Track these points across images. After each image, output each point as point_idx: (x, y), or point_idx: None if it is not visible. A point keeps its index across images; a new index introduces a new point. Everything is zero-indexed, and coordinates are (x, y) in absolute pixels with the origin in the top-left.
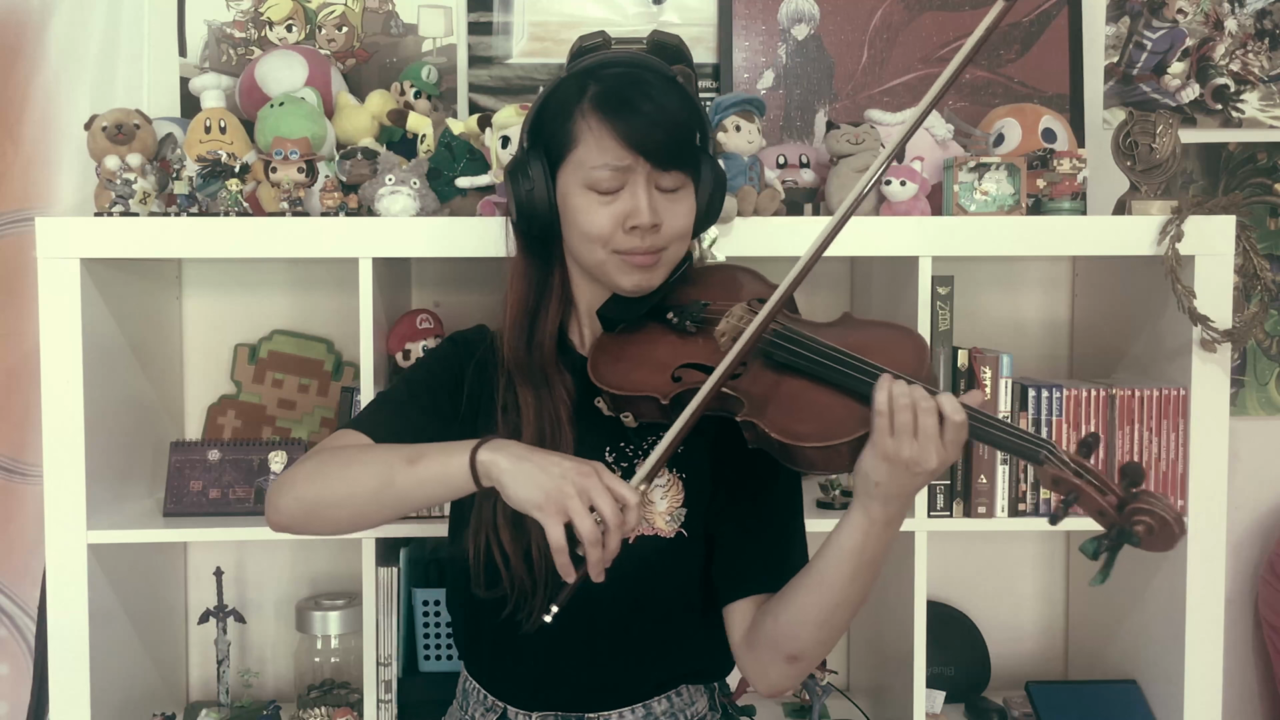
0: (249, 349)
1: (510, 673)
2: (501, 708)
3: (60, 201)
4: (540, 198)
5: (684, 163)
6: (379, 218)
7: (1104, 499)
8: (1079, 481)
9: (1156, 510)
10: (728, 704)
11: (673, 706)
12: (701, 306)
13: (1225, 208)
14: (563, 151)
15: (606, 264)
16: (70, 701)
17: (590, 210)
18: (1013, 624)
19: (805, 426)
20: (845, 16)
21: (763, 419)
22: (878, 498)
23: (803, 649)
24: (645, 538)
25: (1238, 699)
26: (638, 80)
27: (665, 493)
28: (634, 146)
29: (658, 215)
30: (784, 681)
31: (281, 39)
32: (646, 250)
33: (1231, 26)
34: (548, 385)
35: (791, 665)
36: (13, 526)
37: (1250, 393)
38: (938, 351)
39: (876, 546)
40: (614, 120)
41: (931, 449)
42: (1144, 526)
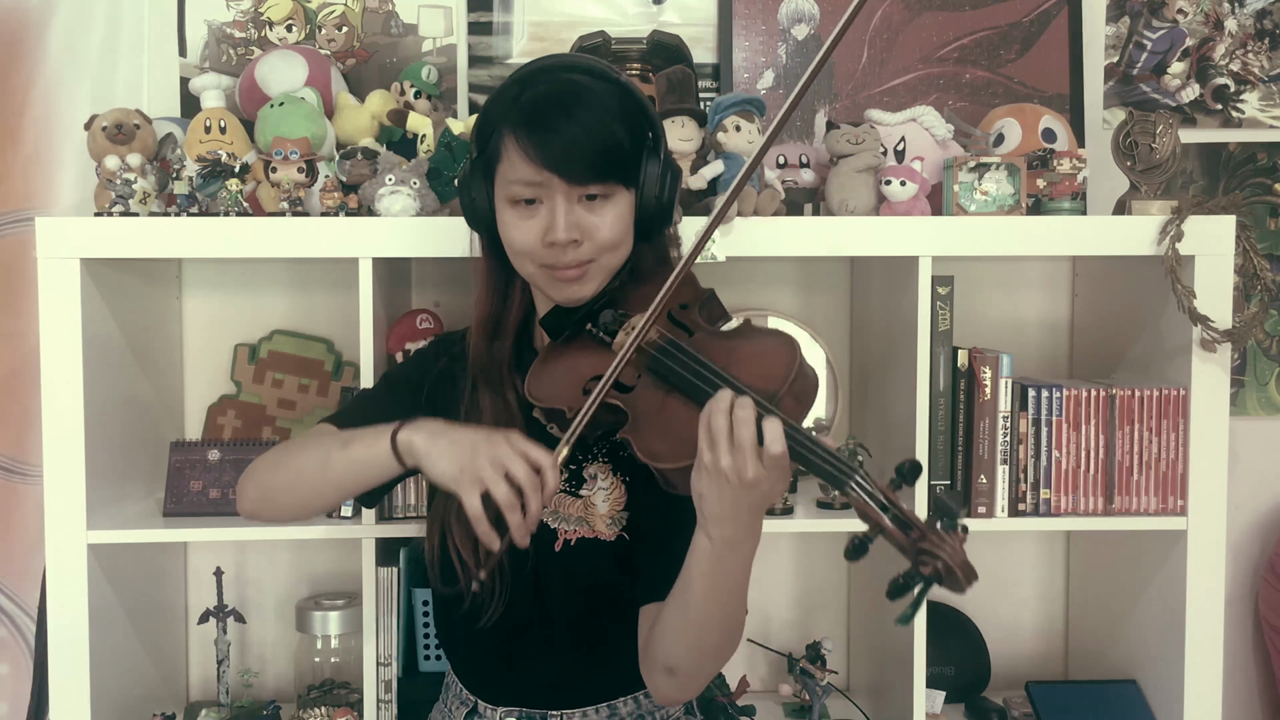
0: (249, 349)
1: (478, 668)
2: (473, 702)
3: (60, 201)
4: (481, 210)
5: (606, 174)
6: (379, 218)
7: (905, 537)
8: (882, 517)
9: (941, 555)
10: (728, 704)
11: (640, 708)
12: (619, 318)
13: (1225, 208)
14: (492, 165)
15: (536, 277)
16: (70, 701)
17: (514, 225)
18: (1013, 624)
19: (662, 445)
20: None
21: (635, 436)
22: (711, 518)
23: (676, 663)
24: (586, 540)
25: (1238, 699)
26: (562, 92)
27: (607, 496)
28: (545, 164)
29: (576, 230)
30: (669, 691)
31: (281, 39)
32: (569, 264)
33: (1231, 26)
34: (503, 389)
35: (670, 677)
36: (13, 526)
37: (1250, 393)
38: (938, 352)
39: (727, 570)
40: (526, 138)
41: (746, 459)
42: (930, 569)
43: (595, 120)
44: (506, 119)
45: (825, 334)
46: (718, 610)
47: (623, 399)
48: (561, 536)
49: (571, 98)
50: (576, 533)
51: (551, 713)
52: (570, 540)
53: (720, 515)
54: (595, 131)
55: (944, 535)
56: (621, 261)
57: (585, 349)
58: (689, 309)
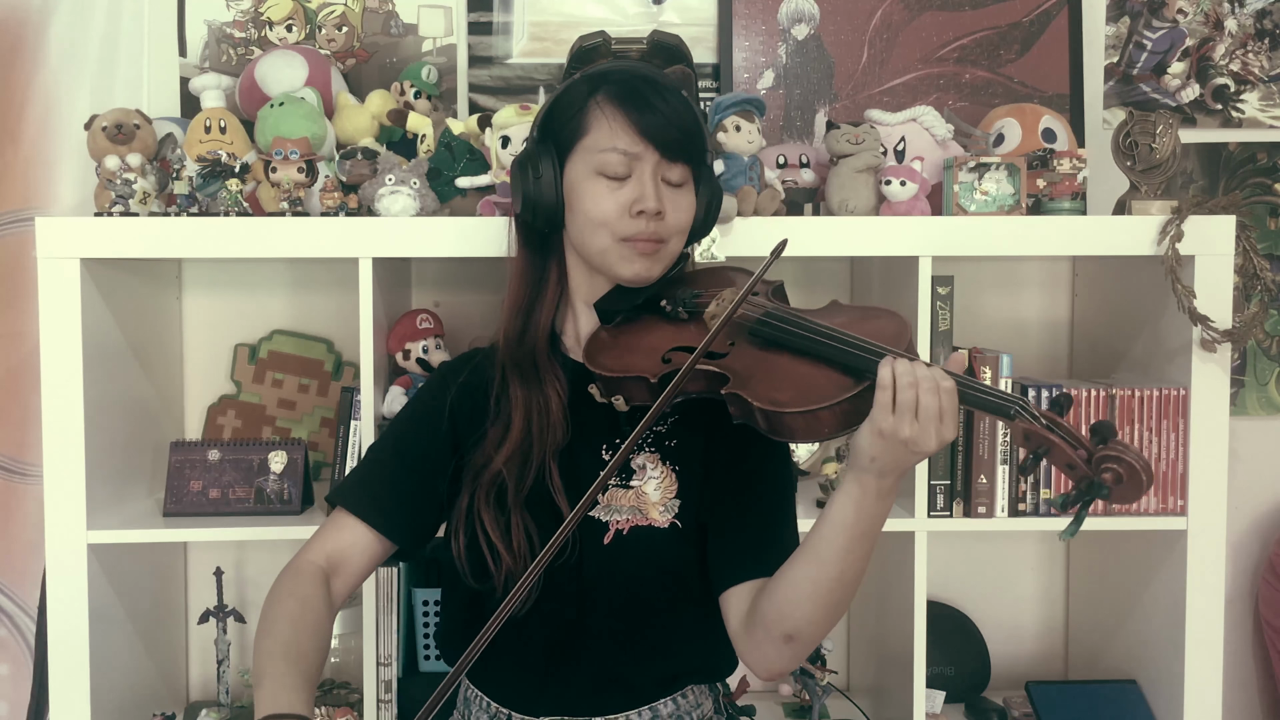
0: (249, 349)
1: (512, 676)
2: (506, 714)
3: (60, 201)
4: (548, 186)
5: (690, 158)
6: (379, 218)
7: (1074, 452)
8: (1050, 435)
9: (1125, 459)
10: (728, 704)
11: (679, 709)
12: (694, 295)
13: (1225, 208)
14: (573, 140)
15: (609, 252)
16: (70, 701)
17: (598, 195)
18: (1013, 624)
19: (784, 394)
20: (845, 16)
21: (746, 389)
22: (872, 471)
23: (799, 627)
24: (639, 528)
25: (1238, 699)
26: (649, 79)
27: (659, 484)
28: (645, 134)
29: (663, 203)
30: (782, 663)
31: (281, 39)
32: (650, 236)
33: (1231, 26)
34: (539, 380)
35: (789, 645)
36: (13, 526)
37: (1250, 393)
38: (938, 352)
39: (871, 519)
40: (627, 108)
41: (931, 429)
42: (1112, 474)
43: (681, 104)
44: (599, 93)
45: None
46: (853, 564)
47: (717, 364)
48: (613, 528)
49: (657, 84)
50: (629, 522)
51: (595, 719)
52: (623, 530)
53: (886, 469)
54: (683, 115)
55: (1120, 443)
56: (678, 252)
57: (652, 327)
58: (760, 295)
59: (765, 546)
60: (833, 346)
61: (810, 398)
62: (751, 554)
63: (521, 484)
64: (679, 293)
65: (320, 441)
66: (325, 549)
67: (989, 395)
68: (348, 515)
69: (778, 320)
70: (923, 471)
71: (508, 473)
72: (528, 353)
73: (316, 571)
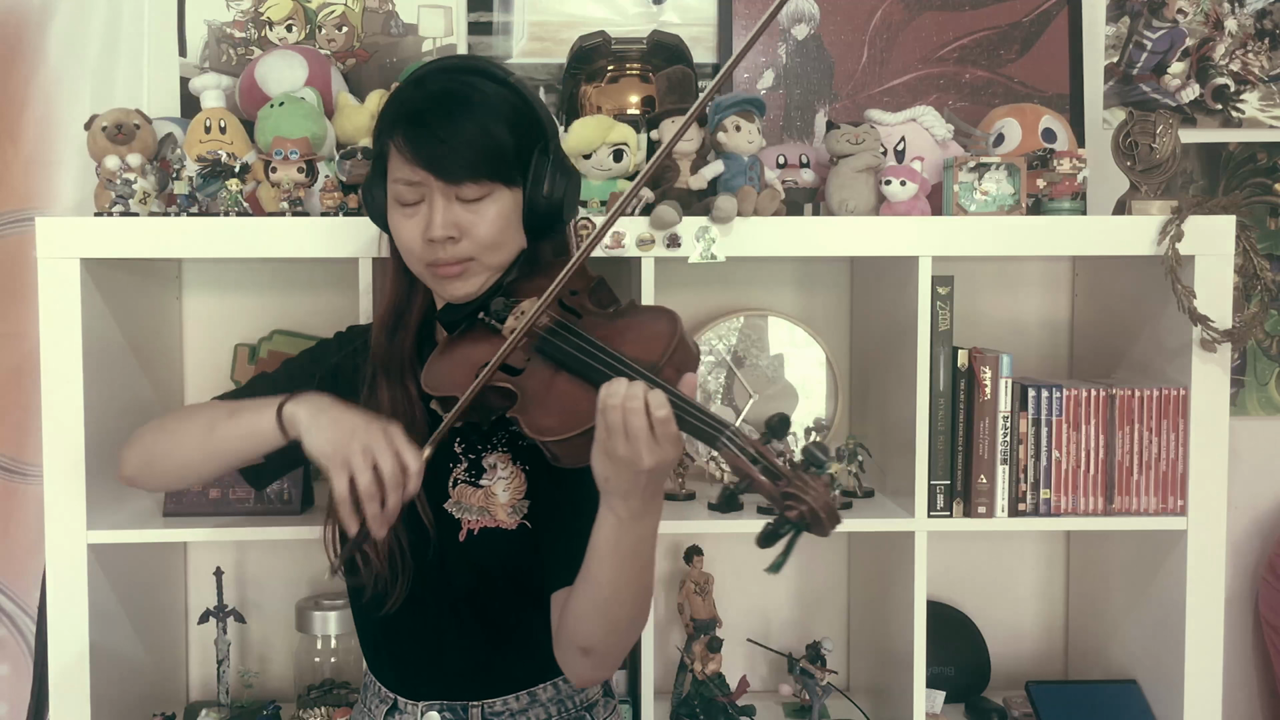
0: (249, 349)
1: (394, 663)
2: (392, 699)
3: (60, 201)
4: (379, 209)
5: (481, 174)
6: None
7: (774, 486)
8: (752, 469)
9: (805, 498)
10: (728, 703)
11: (559, 693)
12: (509, 305)
13: (1225, 208)
14: (382, 167)
15: (424, 276)
16: (70, 701)
17: (399, 223)
18: (1013, 624)
19: (549, 420)
20: (845, 16)
21: (523, 415)
22: (613, 493)
23: (591, 642)
24: (488, 529)
25: (1238, 699)
26: (445, 93)
27: (507, 485)
28: (421, 164)
29: (453, 228)
30: (584, 672)
31: (281, 39)
32: (449, 261)
33: (1231, 26)
34: (403, 381)
35: (586, 657)
36: (13, 526)
37: (1250, 393)
38: (938, 352)
39: (634, 539)
40: (405, 138)
41: (642, 449)
42: (796, 513)
43: (474, 122)
44: (392, 121)
45: (825, 334)
46: (627, 584)
47: (512, 381)
48: (465, 526)
49: (454, 100)
50: (479, 522)
51: (473, 703)
52: (474, 530)
53: (624, 491)
54: (472, 133)
55: (809, 480)
56: (506, 259)
57: (479, 339)
58: (579, 295)
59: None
60: (594, 368)
61: (568, 424)
62: (564, 562)
63: None
64: (496, 301)
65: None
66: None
67: (698, 420)
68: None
69: (556, 339)
70: (923, 471)
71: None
72: (396, 354)
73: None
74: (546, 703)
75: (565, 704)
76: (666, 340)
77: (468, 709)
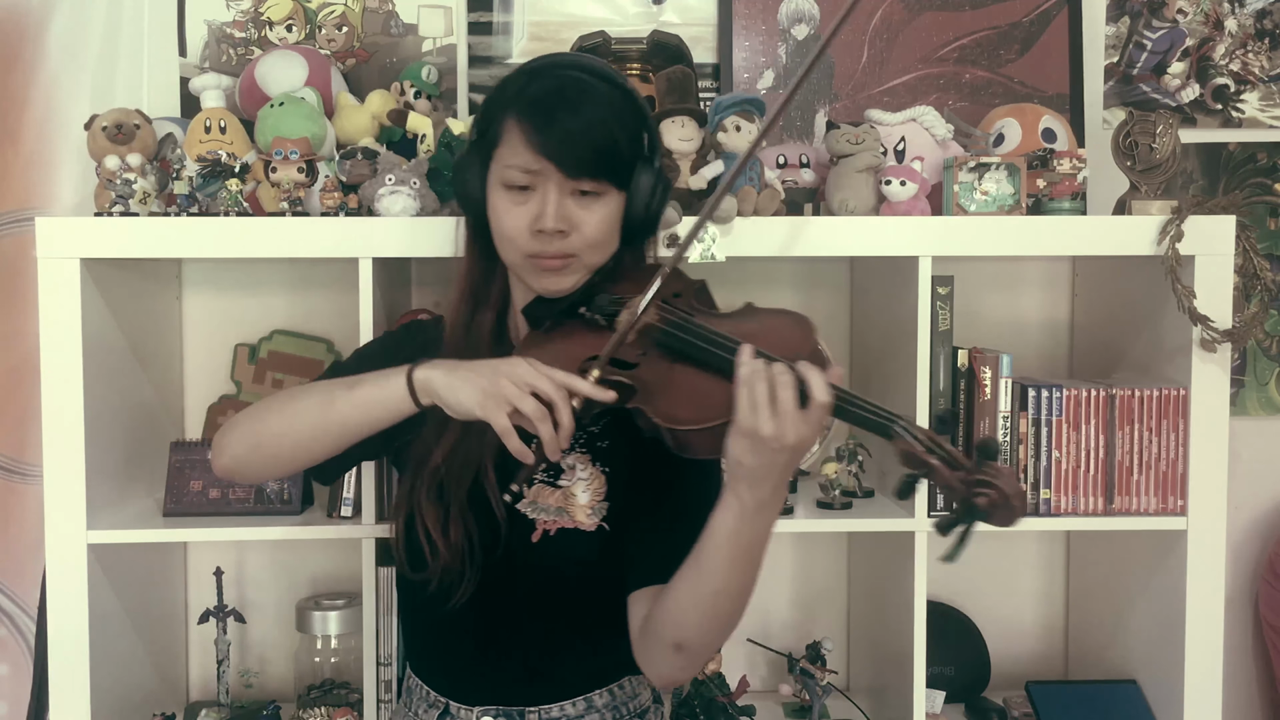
0: (249, 349)
1: (449, 667)
2: (444, 704)
3: (60, 201)
4: (474, 192)
5: (599, 172)
6: (379, 218)
7: (953, 474)
8: (929, 458)
9: (998, 484)
10: (728, 703)
11: (614, 699)
12: (611, 300)
13: (1225, 208)
14: (491, 148)
15: (518, 266)
16: (70, 701)
17: (504, 210)
18: (1013, 624)
19: (684, 410)
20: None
21: (650, 406)
22: (744, 479)
23: (687, 637)
24: (566, 530)
25: (1238, 699)
26: (569, 87)
27: (587, 486)
28: (543, 153)
29: (565, 221)
30: (673, 672)
31: (281, 39)
32: (554, 254)
33: (1231, 26)
34: None
35: (678, 654)
36: (13, 526)
37: (1250, 393)
38: (938, 352)
39: (752, 532)
40: (529, 125)
41: (788, 424)
42: (986, 500)
43: (597, 118)
44: (512, 105)
45: (825, 334)
46: (738, 577)
47: (628, 375)
48: (540, 527)
49: (577, 93)
50: (556, 523)
51: (529, 709)
52: (550, 530)
53: (756, 477)
54: (595, 129)
55: (998, 468)
56: (603, 260)
57: (575, 333)
58: (682, 297)
59: (669, 553)
60: (719, 355)
61: (705, 414)
62: (657, 561)
63: (461, 481)
64: (600, 298)
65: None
66: None
67: (868, 411)
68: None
69: (680, 331)
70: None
71: (447, 469)
72: (472, 346)
73: None
74: (602, 709)
75: (620, 710)
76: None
77: (524, 714)
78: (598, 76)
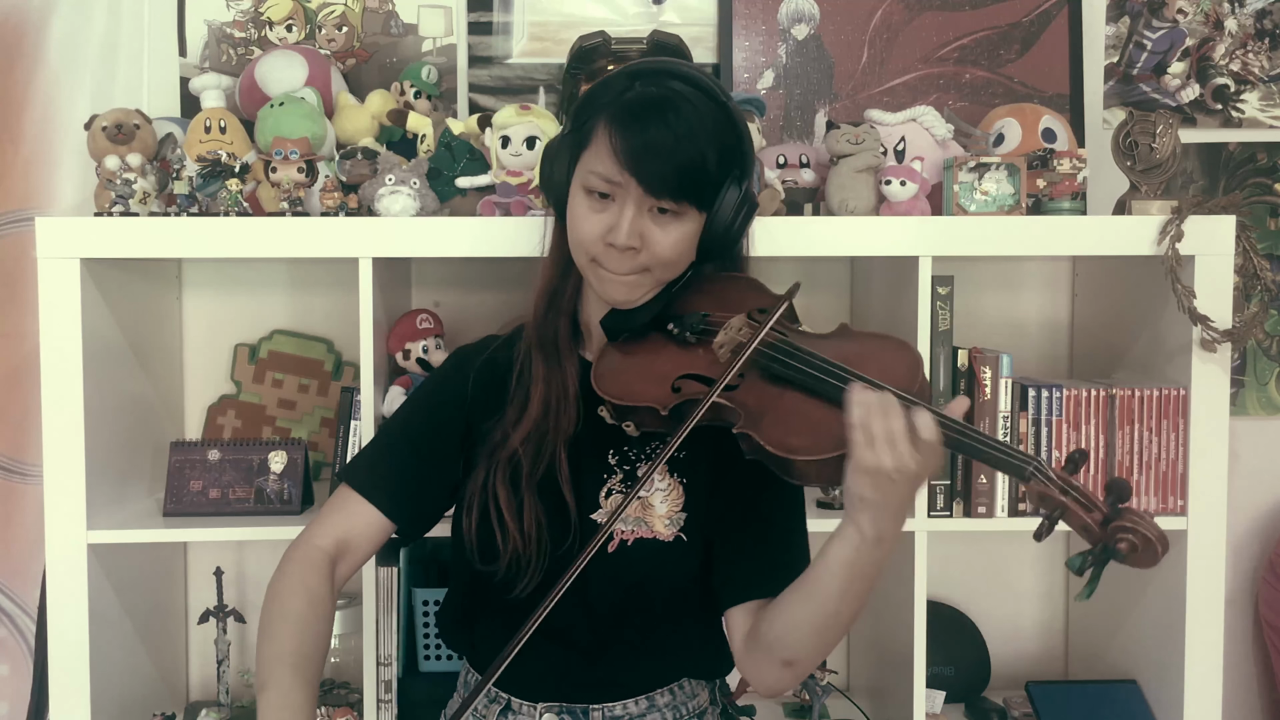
0: (249, 349)
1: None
2: (506, 699)
3: (60, 201)
4: (558, 183)
5: (681, 193)
6: (379, 218)
7: (1089, 516)
8: (1064, 499)
9: (1140, 529)
10: (728, 704)
11: (675, 699)
12: (701, 318)
13: (1225, 208)
14: (580, 148)
15: (587, 270)
16: (70, 701)
17: (581, 214)
18: (1013, 624)
19: (798, 439)
20: (845, 16)
21: (758, 431)
22: (866, 511)
23: (797, 655)
24: (644, 540)
25: (1238, 699)
26: (667, 98)
27: (665, 497)
28: (627, 167)
29: (638, 239)
30: (782, 685)
31: (281, 39)
32: (625, 270)
33: (1231, 26)
34: (559, 360)
35: (788, 670)
36: (13, 526)
37: (1250, 393)
38: (938, 352)
39: (869, 562)
40: (619, 133)
41: (906, 456)
42: (1127, 544)
43: (688, 135)
44: (608, 108)
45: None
46: (850, 603)
47: (729, 397)
48: (618, 537)
49: (673, 107)
50: (634, 533)
51: (593, 706)
52: (627, 541)
53: (881, 510)
54: (684, 147)
55: (1137, 512)
56: (673, 277)
57: (659, 349)
58: (767, 313)
59: (771, 568)
60: (834, 387)
61: (821, 444)
62: (757, 575)
63: (536, 466)
64: (686, 315)
65: (320, 441)
66: (334, 533)
67: (1003, 454)
68: (355, 496)
69: (785, 355)
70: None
71: (523, 453)
72: (551, 331)
73: (324, 559)
74: (663, 708)
75: (680, 710)
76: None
77: (588, 712)
78: (701, 91)
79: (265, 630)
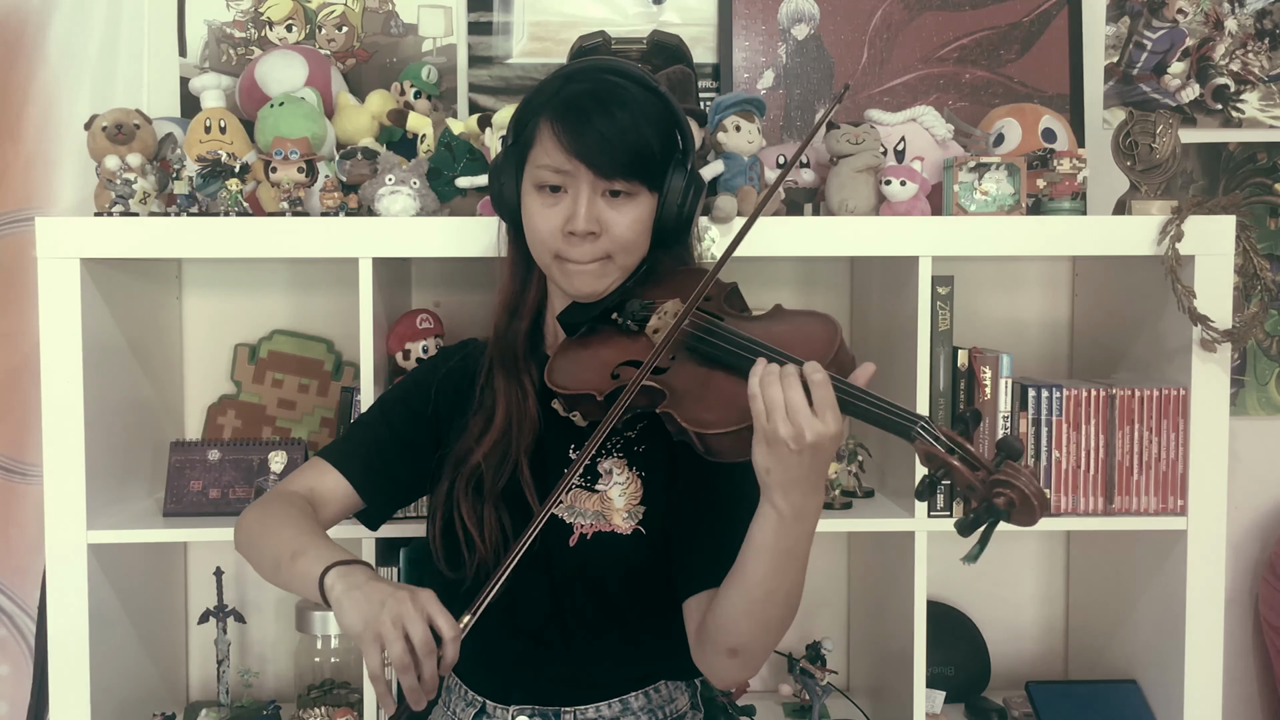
0: (249, 349)
1: (486, 667)
2: (481, 702)
3: (60, 201)
4: (509, 196)
5: (631, 173)
6: (379, 218)
7: (974, 475)
8: (950, 459)
9: (1018, 485)
10: (728, 704)
11: (650, 703)
12: (642, 306)
13: (1225, 208)
14: (525, 151)
15: (551, 268)
16: (70, 701)
17: (537, 212)
18: (1013, 624)
19: (710, 414)
20: (845, 16)
21: (679, 410)
22: (774, 486)
23: (740, 642)
24: (603, 534)
25: (1238, 699)
26: (603, 89)
27: (623, 490)
28: (575, 153)
29: (596, 223)
30: (731, 674)
31: (281, 39)
32: (587, 258)
33: (1231, 26)
34: (517, 374)
35: (733, 658)
36: (13, 526)
37: (1250, 393)
38: (938, 352)
39: (791, 540)
40: (562, 126)
41: (802, 420)
42: (1004, 500)
43: (630, 120)
44: (546, 107)
45: None
46: (783, 583)
47: (658, 380)
48: (577, 531)
49: (611, 97)
50: (593, 527)
51: (565, 709)
52: (586, 535)
53: (787, 482)
54: (628, 131)
55: (1018, 467)
56: (635, 263)
57: (608, 339)
58: (713, 300)
59: (718, 558)
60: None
61: (730, 417)
62: (707, 565)
63: (498, 477)
64: (631, 303)
65: (320, 441)
66: (307, 485)
67: (888, 412)
68: (325, 464)
69: (709, 335)
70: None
71: (486, 465)
72: (510, 346)
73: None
74: (638, 710)
75: (656, 713)
76: (827, 344)
77: (560, 714)
78: (634, 81)
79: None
